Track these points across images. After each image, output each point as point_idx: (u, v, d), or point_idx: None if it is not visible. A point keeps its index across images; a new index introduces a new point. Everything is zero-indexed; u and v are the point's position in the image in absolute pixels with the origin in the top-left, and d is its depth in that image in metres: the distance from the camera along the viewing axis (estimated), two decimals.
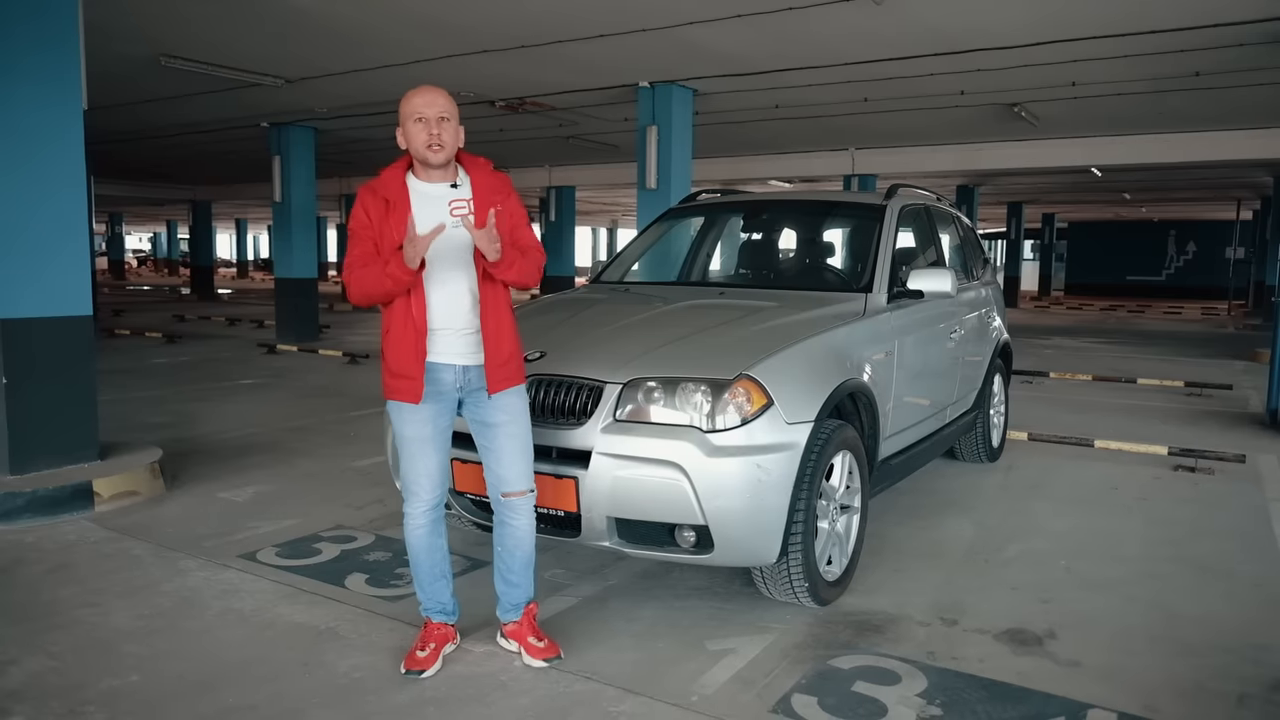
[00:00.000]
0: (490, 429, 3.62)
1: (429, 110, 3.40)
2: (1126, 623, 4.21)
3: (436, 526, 3.69)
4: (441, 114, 3.41)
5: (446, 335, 3.51)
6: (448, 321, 3.50)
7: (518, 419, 3.64)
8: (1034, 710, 3.38)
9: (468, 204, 3.49)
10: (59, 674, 3.55)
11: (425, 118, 3.40)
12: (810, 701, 3.40)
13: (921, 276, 5.20)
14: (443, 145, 3.42)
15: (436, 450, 3.61)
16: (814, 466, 3.94)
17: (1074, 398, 10.76)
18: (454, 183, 3.54)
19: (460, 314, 3.51)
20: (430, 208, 3.46)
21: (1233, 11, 8.20)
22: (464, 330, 3.52)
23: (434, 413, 3.56)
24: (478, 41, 9.60)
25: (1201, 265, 36.81)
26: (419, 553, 3.67)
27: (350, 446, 7.67)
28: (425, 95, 3.44)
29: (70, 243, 5.98)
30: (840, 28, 8.84)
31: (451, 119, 3.45)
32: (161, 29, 9.42)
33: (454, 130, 3.46)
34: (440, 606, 3.73)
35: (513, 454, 3.63)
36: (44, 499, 5.52)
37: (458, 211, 3.47)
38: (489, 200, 3.50)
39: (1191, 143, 15.63)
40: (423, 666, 3.58)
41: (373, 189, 3.49)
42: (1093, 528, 5.65)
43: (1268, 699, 3.52)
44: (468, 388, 3.57)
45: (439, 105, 3.42)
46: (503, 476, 3.64)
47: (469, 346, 3.53)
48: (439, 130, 3.40)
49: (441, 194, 3.50)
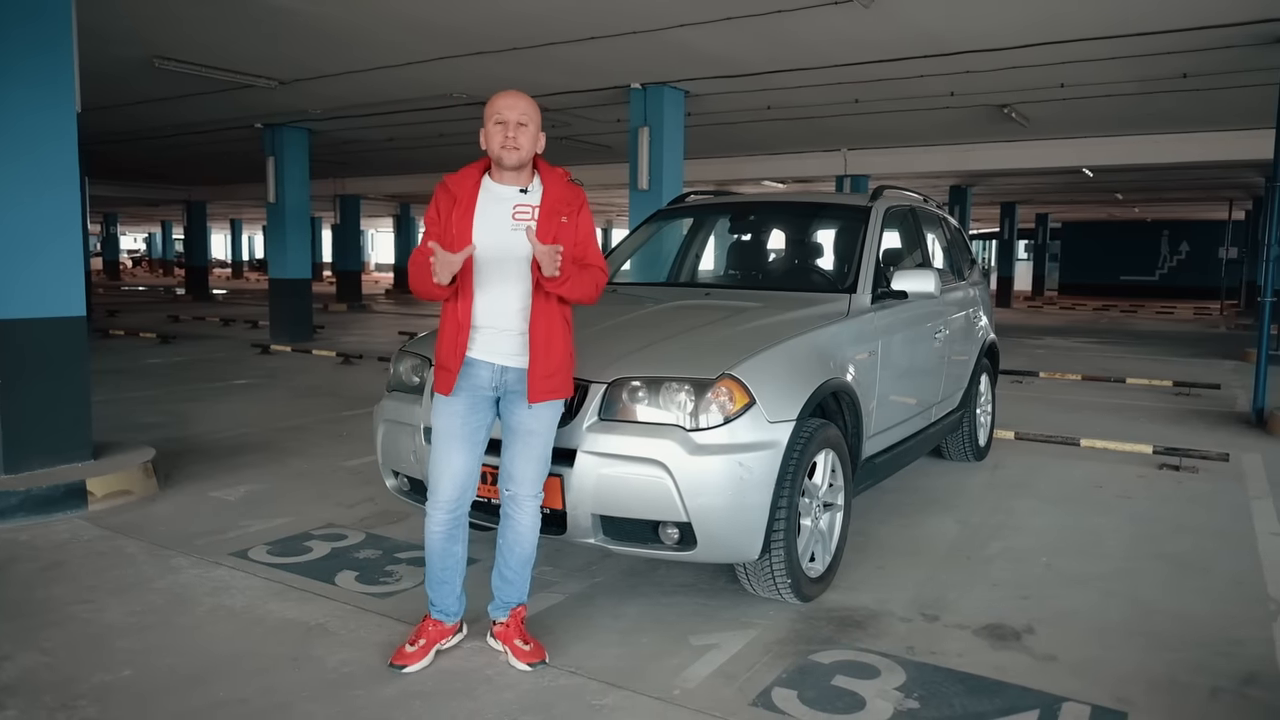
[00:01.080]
0: (513, 434, 3.64)
1: (509, 113, 3.45)
2: (1104, 618, 4.27)
3: (454, 533, 3.67)
4: (520, 118, 3.46)
5: (489, 333, 3.53)
6: (491, 320, 3.53)
7: (547, 432, 3.67)
8: (1009, 703, 3.44)
9: (532, 211, 3.52)
10: (52, 669, 3.60)
11: (505, 120, 3.44)
12: (790, 695, 3.46)
13: (906, 277, 5.25)
14: (518, 147, 3.46)
15: (463, 449, 3.60)
16: (796, 465, 4.00)
17: (1063, 397, 10.83)
18: (524, 188, 3.56)
19: (505, 314, 3.53)
20: (496, 208, 3.51)
21: (1220, 14, 8.27)
22: (508, 330, 3.54)
23: (466, 408, 3.58)
24: (470, 44, 9.66)
25: (1195, 265, 36.89)
26: (433, 554, 3.68)
27: (342, 446, 7.72)
28: (508, 98, 3.49)
29: (63, 244, 6.03)
30: (830, 30, 8.91)
31: (530, 124, 3.49)
32: (155, 31, 9.46)
33: (532, 136, 3.50)
34: (442, 606, 3.74)
35: (529, 461, 3.64)
36: (38, 498, 5.57)
37: (520, 216, 3.50)
38: (557, 210, 3.53)
39: (1182, 143, 15.71)
40: (406, 662, 3.60)
41: (446, 185, 3.56)
42: (1075, 525, 5.71)
43: (1239, 692, 3.58)
44: (504, 389, 3.59)
45: (519, 109, 3.47)
46: (514, 476, 3.66)
47: (511, 347, 3.55)
48: (515, 133, 3.44)
49: (510, 197, 3.54)
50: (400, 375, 4.59)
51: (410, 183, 26.17)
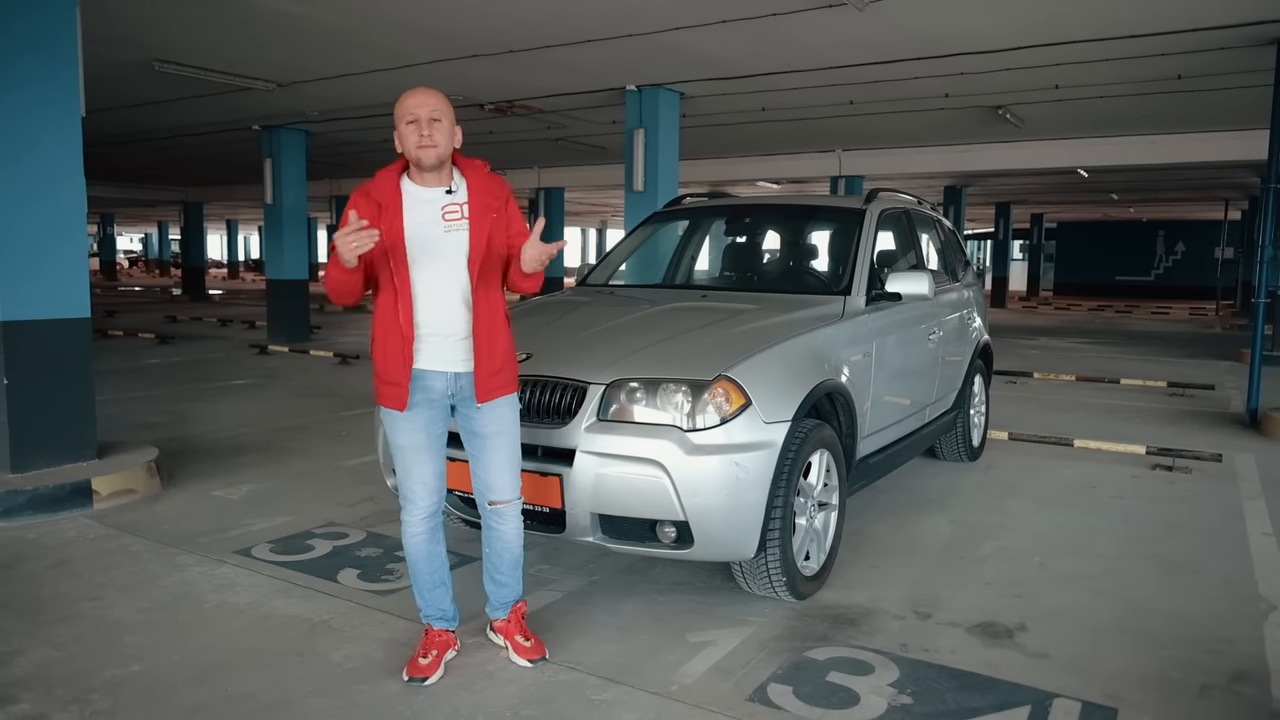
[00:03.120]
0: (479, 439, 3.58)
1: (420, 110, 3.33)
2: (1095, 616, 4.32)
3: (435, 534, 3.64)
4: (433, 114, 3.34)
5: (435, 341, 3.43)
6: (436, 327, 3.42)
7: (507, 429, 3.60)
8: (1001, 699, 3.49)
9: (461, 208, 3.43)
10: (63, 664, 3.66)
11: (417, 118, 3.33)
12: (786, 691, 3.52)
13: (899, 279, 5.29)
14: (435, 145, 3.34)
15: (432, 457, 3.56)
16: (791, 464, 4.06)
17: (1057, 398, 10.89)
18: (449, 188, 3.45)
19: (450, 320, 3.43)
20: (423, 212, 3.39)
21: (1212, 16, 8.33)
22: (454, 336, 3.44)
23: (426, 420, 3.51)
24: (465, 47, 9.71)
25: (1190, 265, 36.91)
26: (418, 560, 3.64)
27: (341, 446, 7.77)
28: (417, 96, 3.37)
29: (68, 245, 6.09)
30: (824, 32, 8.96)
31: (444, 119, 3.37)
32: (153, 34, 9.52)
33: (448, 131, 3.38)
34: (440, 613, 3.70)
35: (500, 464, 3.61)
36: (44, 497, 5.62)
37: (450, 216, 3.41)
38: (485, 204, 3.44)
39: (1176, 144, 15.75)
40: (425, 674, 3.54)
41: (366, 191, 3.41)
42: (1068, 525, 5.76)
43: (1228, 689, 3.63)
44: (460, 395, 3.51)
45: (430, 105, 3.35)
46: (490, 485, 3.63)
47: (460, 353, 3.46)
48: (430, 131, 3.33)
49: (435, 199, 3.42)
50: None
51: None
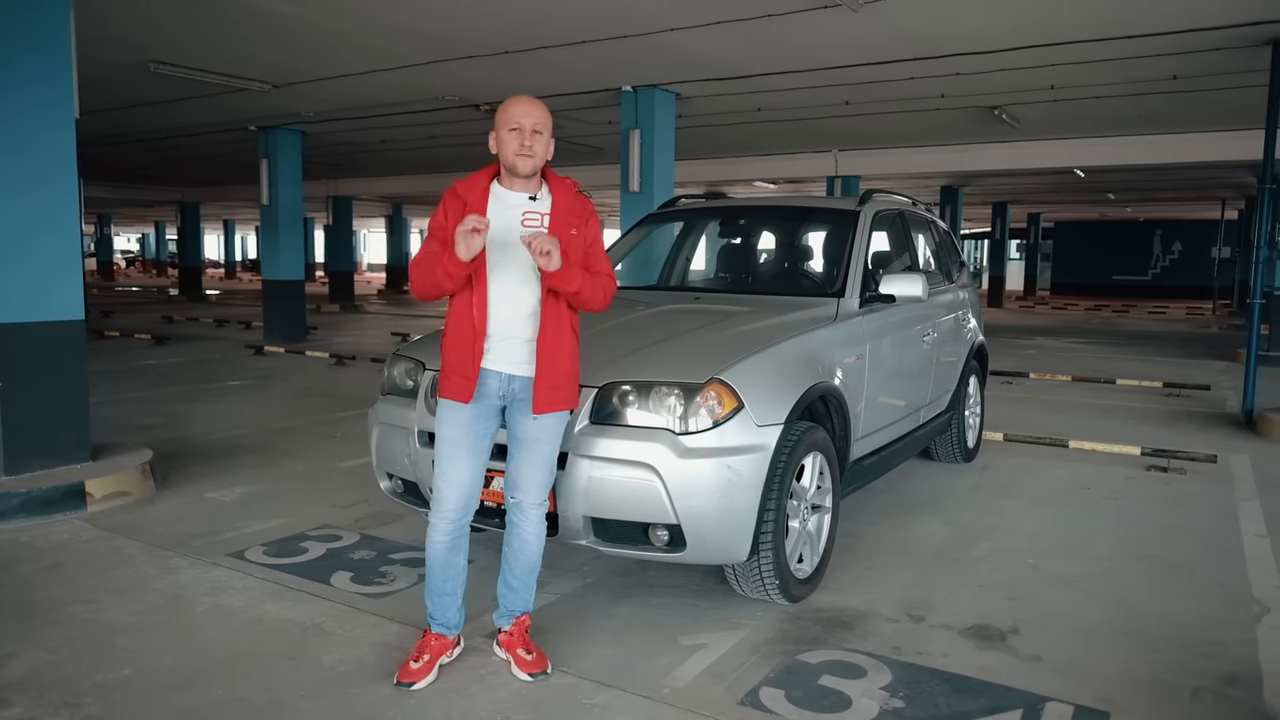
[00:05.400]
0: (518, 443, 3.62)
1: (525, 120, 3.42)
2: (1089, 619, 4.33)
3: (458, 544, 3.64)
4: (536, 125, 3.44)
5: (500, 342, 3.50)
6: (504, 329, 3.49)
7: (553, 441, 3.65)
8: (993, 702, 3.49)
9: (542, 218, 3.51)
10: (55, 667, 3.66)
11: (520, 127, 3.42)
12: (778, 694, 3.52)
13: (893, 281, 5.30)
14: (532, 155, 3.44)
15: (469, 457, 3.57)
16: (784, 467, 4.06)
17: (1053, 398, 10.90)
18: (534, 195, 3.55)
19: (516, 321, 3.50)
20: (506, 214, 3.47)
21: (1207, 17, 8.32)
22: (518, 339, 3.51)
23: (473, 416, 3.54)
24: (460, 48, 9.70)
25: (1187, 265, 36.87)
26: (434, 565, 3.64)
27: (336, 447, 7.77)
28: (523, 105, 3.46)
29: (62, 248, 6.08)
30: (819, 33, 8.95)
31: (545, 132, 3.47)
32: (148, 35, 9.50)
33: (545, 143, 3.48)
34: (443, 620, 3.69)
35: (535, 469, 3.64)
36: (38, 499, 5.62)
37: (530, 222, 3.49)
38: (566, 220, 3.53)
39: (1173, 144, 15.73)
40: (414, 679, 3.54)
41: (456, 191, 3.52)
42: (1063, 527, 5.77)
43: (1220, 692, 3.63)
44: (510, 397, 3.56)
45: (535, 117, 3.44)
46: (520, 484, 3.65)
47: (520, 355, 3.52)
48: (531, 141, 3.43)
49: (520, 203, 3.52)
50: (394, 379, 4.63)
51: (402, 184, 26.18)
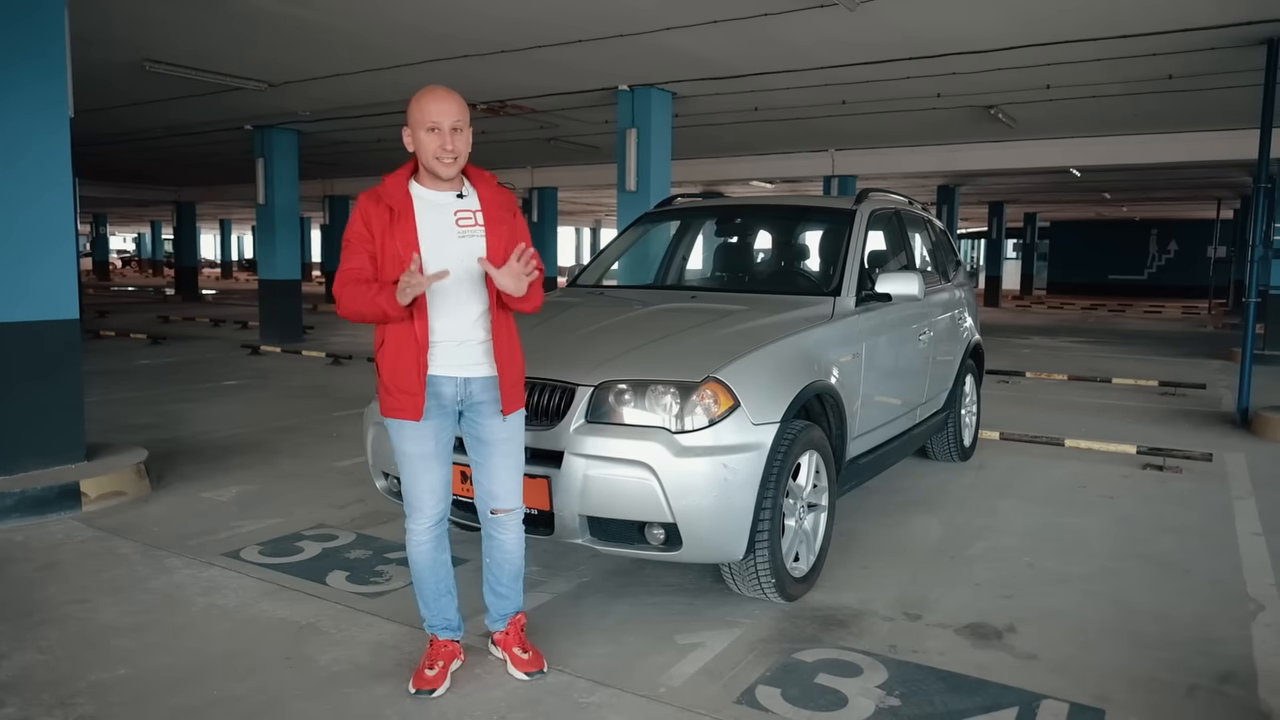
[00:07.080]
0: (487, 446, 3.52)
1: (444, 119, 3.25)
2: (1084, 617, 4.33)
3: (441, 542, 3.58)
4: (455, 123, 3.27)
5: (448, 346, 3.37)
6: (449, 333, 3.36)
7: (516, 437, 3.56)
8: (990, 700, 3.50)
9: (474, 215, 3.38)
10: (49, 667, 3.65)
11: (439, 126, 3.25)
12: (774, 693, 3.52)
13: (889, 280, 5.29)
14: (456, 156, 3.30)
15: (440, 465, 3.49)
16: (780, 466, 4.06)
17: (1049, 397, 10.91)
18: (461, 193, 3.41)
19: (463, 325, 3.38)
20: (436, 216, 3.34)
21: (1202, 16, 8.32)
22: (466, 341, 3.40)
23: (436, 427, 3.43)
24: (457, 47, 9.69)
25: (1183, 264, 36.94)
26: (423, 569, 3.57)
27: (332, 447, 7.76)
28: (440, 103, 3.28)
29: (57, 247, 6.06)
30: (815, 33, 8.95)
31: (464, 128, 3.31)
32: (144, 34, 9.48)
33: (466, 139, 3.32)
34: (446, 623, 3.66)
35: (506, 471, 3.55)
36: (32, 499, 5.61)
37: (464, 222, 3.36)
38: (496, 215, 3.40)
39: (1168, 144, 15.75)
40: (432, 686, 3.49)
41: (376, 196, 3.32)
42: (1059, 525, 5.77)
43: (1216, 690, 3.64)
44: (468, 400, 3.45)
45: (454, 114, 3.27)
46: (493, 493, 3.57)
47: (471, 357, 3.41)
48: (453, 142, 3.27)
49: (447, 203, 3.37)
50: None
51: None
